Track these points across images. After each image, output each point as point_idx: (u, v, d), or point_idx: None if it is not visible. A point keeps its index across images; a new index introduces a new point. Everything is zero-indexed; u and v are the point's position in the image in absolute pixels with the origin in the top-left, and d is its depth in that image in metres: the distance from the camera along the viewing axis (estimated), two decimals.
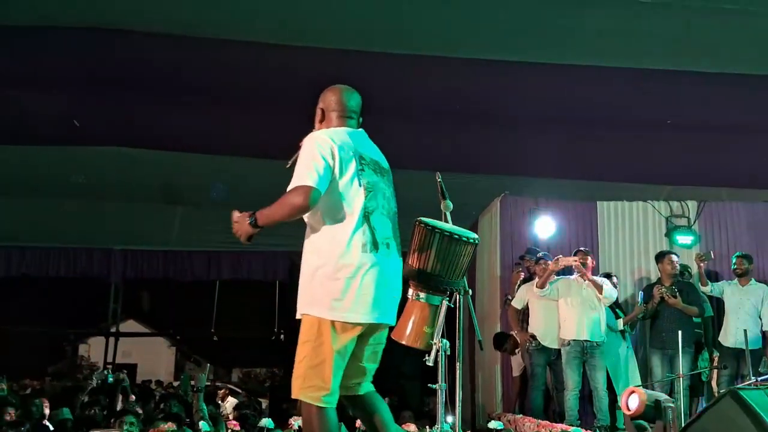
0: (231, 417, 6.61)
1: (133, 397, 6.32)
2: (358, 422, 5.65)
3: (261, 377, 26.12)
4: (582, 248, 7.23)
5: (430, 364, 3.36)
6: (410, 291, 3.44)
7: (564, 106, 7.85)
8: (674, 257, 7.27)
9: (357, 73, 7.08)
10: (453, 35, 6.42)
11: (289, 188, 3.05)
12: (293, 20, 6.48)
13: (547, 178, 8.95)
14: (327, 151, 3.05)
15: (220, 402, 9.28)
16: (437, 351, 3.35)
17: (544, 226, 8.02)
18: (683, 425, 5.10)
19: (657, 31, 6.58)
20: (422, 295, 3.41)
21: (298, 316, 3.09)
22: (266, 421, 4.10)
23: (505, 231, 8.19)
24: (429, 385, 3.35)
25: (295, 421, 4.05)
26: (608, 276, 7.41)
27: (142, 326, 23.27)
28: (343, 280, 3.00)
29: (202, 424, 4.05)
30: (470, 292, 3.55)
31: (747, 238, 8.30)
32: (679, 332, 6.68)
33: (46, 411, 6.18)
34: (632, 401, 5.64)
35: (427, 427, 4.64)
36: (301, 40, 6.84)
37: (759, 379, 5.27)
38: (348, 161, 3.10)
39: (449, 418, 5.18)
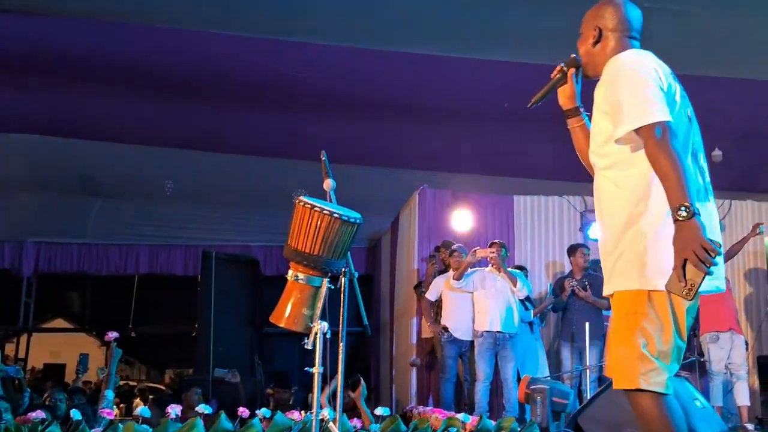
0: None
1: (28, 390, 6.05)
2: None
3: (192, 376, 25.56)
4: (497, 240, 7.26)
5: (309, 347, 3.29)
6: (289, 271, 3.37)
7: (482, 102, 7.86)
8: (585, 251, 7.36)
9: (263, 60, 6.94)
10: (362, 25, 6.33)
11: (617, 135, 2.33)
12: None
13: (465, 173, 8.97)
14: (653, 74, 2.33)
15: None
16: (315, 334, 3.28)
17: (461, 220, 8.04)
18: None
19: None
20: (302, 276, 3.34)
21: (610, 292, 2.40)
22: (142, 409, 3.95)
23: (422, 224, 8.18)
24: (306, 368, 3.26)
25: (173, 410, 3.91)
26: (520, 268, 7.45)
27: (71, 324, 22.44)
28: None
29: (73, 412, 3.87)
30: (356, 274, 3.50)
31: None
32: (587, 325, 6.80)
33: None
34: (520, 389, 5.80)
35: (303, 411, 4.54)
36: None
37: None
38: (672, 86, 2.39)
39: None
